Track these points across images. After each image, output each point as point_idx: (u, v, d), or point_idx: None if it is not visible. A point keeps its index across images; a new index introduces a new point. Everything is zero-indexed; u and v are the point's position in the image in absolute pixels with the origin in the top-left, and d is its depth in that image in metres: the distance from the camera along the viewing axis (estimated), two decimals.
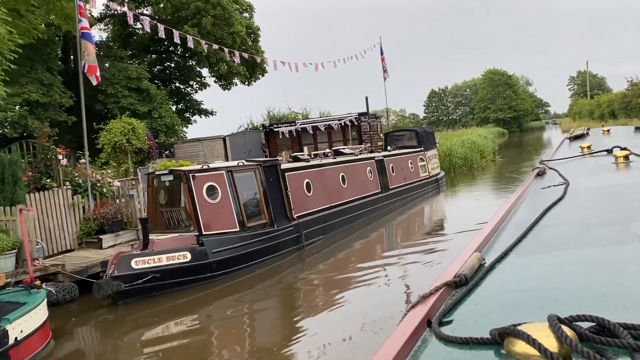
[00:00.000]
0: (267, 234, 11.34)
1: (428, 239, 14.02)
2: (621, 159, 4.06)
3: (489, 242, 2.23)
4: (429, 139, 23.40)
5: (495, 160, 36.17)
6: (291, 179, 12.72)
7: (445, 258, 11.04)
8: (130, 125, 19.05)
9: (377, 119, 27.09)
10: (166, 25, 18.81)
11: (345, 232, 14.39)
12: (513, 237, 2.13)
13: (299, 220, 12.45)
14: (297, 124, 24.51)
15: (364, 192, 16.17)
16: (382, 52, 26.29)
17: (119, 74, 23.68)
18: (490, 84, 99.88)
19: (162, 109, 24.24)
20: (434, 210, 20.15)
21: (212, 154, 26.77)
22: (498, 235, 2.34)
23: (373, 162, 17.36)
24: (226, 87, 33.20)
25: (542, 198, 3.07)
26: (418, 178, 20.93)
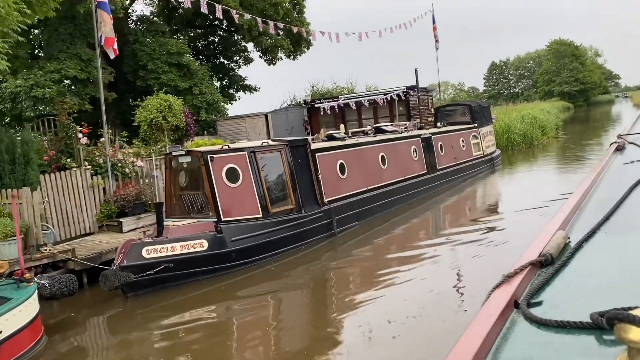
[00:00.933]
0: (293, 220, 10.40)
1: (480, 220, 12.95)
2: None
3: (572, 220, 2.13)
4: (484, 114, 21.67)
5: (558, 136, 33.69)
6: (323, 160, 11.67)
7: (502, 241, 10.36)
8: (167, 101, 18.49)
9: (427, 92, 25.50)
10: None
11: (384, 218, 13.26)
12: (599, 214, 2.04)
13: (331, 206, 11.43)
14: (339, 100, 23.31)
15: (407, 173, 14.92)
16: (434, 21, 24.52)
17: (159, 49, 23.17)
18: (555, 56, 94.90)
19: (203, 85, 23.61)
20: (487, 192, 18.66)
21: (254, 132, 26.09)
22: (581, 213, 2.24)
23: (419, 140, 16.02)
24: (271, 62, 32.24)
25: (624, 174, 2.91)
26: (470, 157, 19.38)
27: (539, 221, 10.40)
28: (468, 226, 12.38)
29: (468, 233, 11.47)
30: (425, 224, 14.12)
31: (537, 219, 11.13)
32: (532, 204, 12.84)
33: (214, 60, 30.52)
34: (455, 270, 9.18)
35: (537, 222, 10.55)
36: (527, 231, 9.22)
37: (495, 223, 12.46)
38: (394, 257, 10.63)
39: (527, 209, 12.70)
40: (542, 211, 11.77)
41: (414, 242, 11.67)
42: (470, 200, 17.29)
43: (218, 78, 30.49)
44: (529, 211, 12.36)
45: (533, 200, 13.29)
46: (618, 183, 2.68)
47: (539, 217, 11.31)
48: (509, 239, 10.42)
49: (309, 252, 10.57)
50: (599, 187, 2.78)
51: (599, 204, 2.29)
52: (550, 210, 11.45)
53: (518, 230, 10.75)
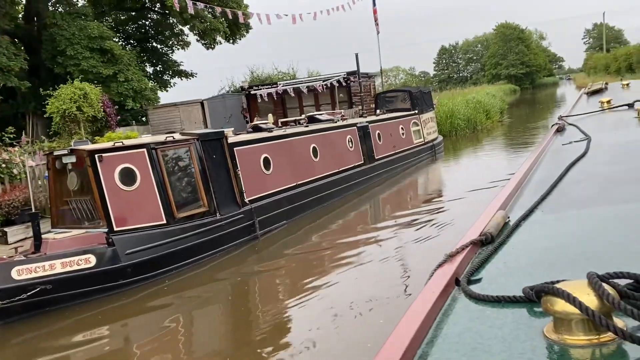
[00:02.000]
0: (206, 225, 9.20)
1: (422, 206, 12.56)
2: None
3: (513, 200, 2.20)
4: (425, 100, 20.91)
5: (503, 120, 33.55)
6: (243, 155, 10.49)
7: (445, 223, 10.25)
8: (82, 90, 16.83)
9: (369, 78, 24.57)
10: None
11: (317, 214, 12.24)
12: (537, 194, 2.12)
13: (252, 205, 10.29)
14: (278, 86, 22.07)
15: (342, 165, 13.92)
16: (375, 4, 23.49)
17: (79, 33, 21.23)
18: (501, 39, 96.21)
19: (129, 72, 21.85)
20: (429, 179, 17.98)
21: (189, 120, 24.56)
22: (521, 193, 2.32)
23: (354, 129, 15.03)
24: (209, 46, 30.56)
25: (563, 154, 3.05)
26: (411, 145, 18.59)
27: (483, 203, 10.43)
28: (409, 213, 11.90)
29: (409, 219, 11.14)
30: (363, 216, 13.22)
31: (481, 201, 11.06)
32: (476, 187, 12.70)
33: (146, 45, 28.59)
34: (398, 257, 8.84)
35: (481, 203, 10.49)
36: (471, 213, 10.18)
37: (438, 207, 12.18)
38: (328, 253, 9.79)
39: (471, 191, 12.57)
40: (486, 193, 11.66)
41: (351, 236, 10.88)
42: (411, 189, 16.56)
43: (151, 64, 28.62)
44: (474, 193, 12.24)
45: (477, 184, 13.10)
46: (557, 163, 2.75)
47: (482, 199, 11.20)
48: (452, 221, 10.30)
49: (225, 259, 9.42)
50: (539, 168, 2.85)
51: (538, 184, 2.38)
52: (493, 192, 11.48)
53: (462, 212, 10.62)
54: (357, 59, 21.94)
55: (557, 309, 0.98)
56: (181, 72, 29.09)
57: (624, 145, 3.09)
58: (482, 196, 11.65)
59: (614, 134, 3.63)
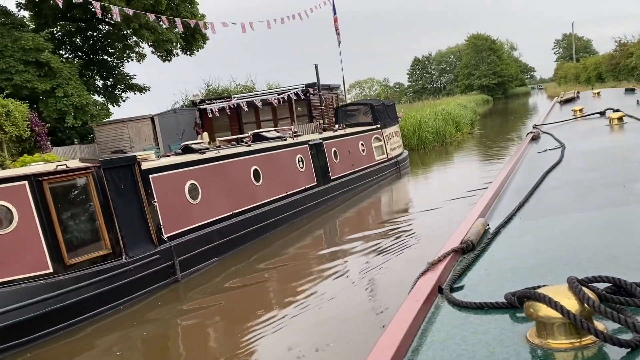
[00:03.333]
0: (106, 271, 7.62)
1: (387, 225, 11.61)
2: (615, 120, 4.11)
3: (491, 208, 2.23)
4: (389, 113, 19.63)
5: (473, 132, 32.55)
6: (161, 183, 8.95)
7: (407, 241, 9.79)
8: (4, 107, 15.13)
9: (331, 90, 23.26)
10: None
11: (257, 246, 10.73)
12: (515, 201, 2.16)
13: (172, 243, 8.74)
14: (231, 100, 20.57)
15: (290, 188, 12.47)
16: (335, 12, 22.26)
17: (12, 45, 19.50)
18: (473, 50, 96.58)
19: (69, 86, 20.16)
20: (393, 197, 16.68)
21: (139, 137, 22.90)
22: (499, 201, 2.35)
23: (306, 147, 13.60)
24: (166, 58, 29.04)
25: (539, 162, 3.13)
26: (372, 162, 17.25)
27: (453, 214, 10.37)
28: (373, 231, 11.27)
29: (374, 237, 10.68)
30: (317, 241, 11.77)
31: (451, 212, 10.89)
32: (445, 200, 12.65)
33: (95, 57, 26.88)
34: (367, 278, 8.18)
35: (451, 215, 10.50)
36: (442, 224, 9.74)
37: (405, 221, 11.78)
38: (273, 286, 8.67)
39: (439, 205, 12.47)
40: (456, 204, 11.64)
41: (303, 262, 9.75)
42: (374, 207, 15.22)
43: (101, 77, 26.91)
44: (444, 205, 12.25)
45: (446, 196, 12.98)
46: (533, 171, 2.86)
47: (452, 211, 11.08)
48: (420, 233, 10.19)
49: (133, 310, 7.84)
50: (516, 176, 2.93)
51: (515, 192, 2.46)
52: (465, 202, 11.50)
53: (431, 224, 10.46)
54: (316, 70, 20.61)
55: (540, 314, 1.00)
56: (133, 86, 27.44)
57: (597, 152, 3.17)
58: (451, 208, 11.60)
59: (587, 141, 3.69)
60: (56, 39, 25.33)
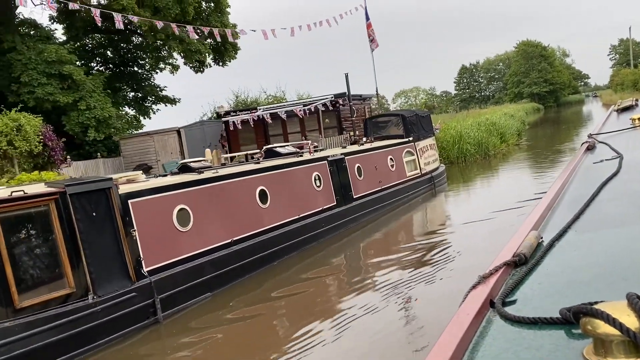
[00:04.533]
0: (68, 314, 6.56)
1: (414, 247, 10.60)
2: None
3: (545, 220, 2.18)
4: (423, 124, 18.13)
5: (520, 143, 30.42)
6: (143, 209, 7.88)
7: (447, 260, 9.18)
8: (15, 121, 14.57)
9: (363, 101, 21.94)
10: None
11: (261, 278, 9.51)
12: (569, 213, 2.11)
13: (153, 278, 7.62)
14: (255, 112, 19.56)
15: (303, 210, 11.22)
16: (368, 17, 20.98)
17: (36, 58, 19.18)
18: (523, 57, 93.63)
19: (92, 99, 19.66)
20: (425, 217, 15.18)
21: (164, 150, 22.28)
22: (553, 212, 2.30)
23: (324, 164, 12.33)
24: (198, 69, 28.52)
25: (595, 173, 3.02)
26: (402, 178, 15.80)
27: (505, 225, 9.78)
28: (403, 251, 10.41)
29: (403, 258, 9.79)
30: (334, 268, 10.44)
31: (502, 224, 10.37)
32: (485, 217, 11.75)
33: (126, 69, 26.54)
34: (398, 308, 7.35)
35: (503, 226, 10.00)
36: (480, 241, 9.51)
37: (443, 237, 11.17)
38: (279, 328, 7.54)
39: (491, 215, 11.76)
40: (492, 223, 11.02)
41: (317, 295, 8.67)
42: (403, 229, 13.73)
43: (131, 89, 26.54)
44: (497, 214, 11.61)
45: (486, 213, 12.03)
46: (588, 182, 2.75)
47: (490, 229, 10.58)
48: (458, 253, 9.49)
49: (99, 358, 6.75)
50: (571, 187, 2.84)
51: (570, 203, 2.38)
52: (504, 219, 10.93)
53: (468, 244, 9.85)
54: (347, 79, 19.35)
55: (597, 331, 0.97)
56: (164, 98, 26.94)
57: None
58: (500, 220, 11.06)
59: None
60: (87, 51, 25.13)
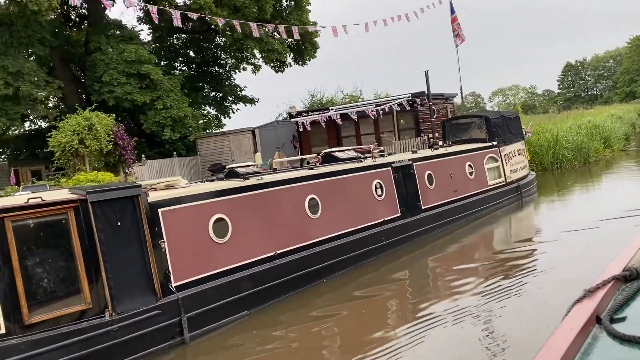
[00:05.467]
0: (81, 332, 6.09)
1: (499, 258, 9.95)
2: None
3: None
4: (510, 127, 16.41)
5: (627, 149, 27.25)
6: (174, 219, 7.31)
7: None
8: (87, 120, 14.82)
9: (445, 100, 20.45)
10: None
11: (308, 294, 8.68)
12: None
13: (180, 294, 7.02)
14: (327, 112, 18.75)
15: (361, 221, 10.23)
16: (453, 11, 19.47)
17: (117, 58, 19.66)
18: (637, 53, 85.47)
19: (169, 99, 19.84)
20: (509, 230, 13.57)
21: (239, 150, 22.13)
22: None
23: (388, 171, 11.25)
24: (279, 69, 28.30)
25: None
26: (483, 188, 14.30)
27: (610, 236, 9.29)
28: (483, 264, 9.75)
29: (485, 271, 9.16)
30: (397, 284, 9.39)
31: (608, 234, 9.64)
32: (598, 219, 10.92)
33: (207, 69, 26.81)
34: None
35: (608, 236, 9.36)
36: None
37: (533, 249, 10.46)
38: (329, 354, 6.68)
39: (596, 223, 10.78)
40: (609, 225, 10.30)
41: (376, 315, 7.78)
42: (483, 242, 12.33)
43: (212, 88, 26.78)
44: (604, 223, 10.61)
45: (597, 216, 11.18)
46: None
47: (608, 232, 9.78)
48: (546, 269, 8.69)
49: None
50: None
51: None
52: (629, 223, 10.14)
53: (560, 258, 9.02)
54: (426, 77, 18.02)
55: None
56: (242, 98, 26.92)
57: None
58: (605, 229, 10.25)
59: None
60: (171, 51, 25.64)
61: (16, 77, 17.10)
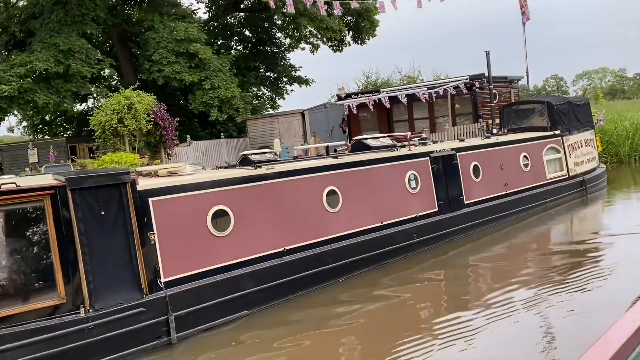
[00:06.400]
0: (50, 329, 5.67)
1: (543, 272, 8.44)
2: None
3: None
4: (578, 115, 14.71)
5: None
6: (166, 210, 6.75)
7: None
8: (127, 99, 14.65)
9: (509, 84, 18.80)
10: None
11: (321, 294, 7.93)
12: None
13: (170, 291, 6.48)
14: (377, 94, 17.67)
15: (389, 216, 9.30)
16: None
17: (167, 36, 19.48)
18: None
19: (217, 78, 19.47)
20: (568, 230, 12.14)
21: (288, 133, 21.55)
22: None
23: (425, 161, 10.20)
24: (337, 48, 27.40)
25: None
26: (540, 181, 12.89)
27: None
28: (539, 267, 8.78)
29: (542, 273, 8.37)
30: (428, 287, 8.44)
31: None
32: None
33: (263, 48, 26.29)
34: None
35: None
36: None
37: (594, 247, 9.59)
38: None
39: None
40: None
41: (401, 320, 6.86)
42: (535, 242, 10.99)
43: (266, 69, 26.27)
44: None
45: None
46: None
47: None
48: None
49: None
50: None
51: None
52: None
53: None
54: (487, 57, 16.52)
55: None
56: (297, 79, 26.23)
57: None
58: None
59: None
60: (226, 30, 25.32)
61: (67, 55, 17.34)
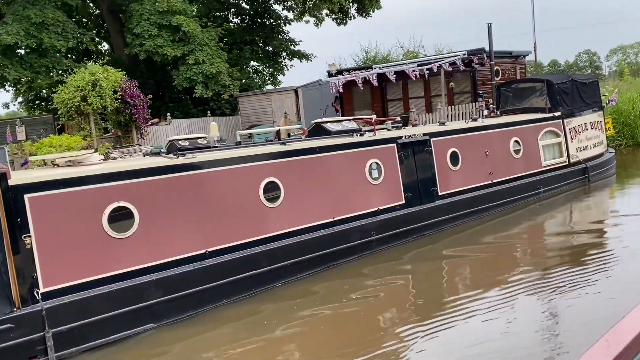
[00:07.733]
0: None
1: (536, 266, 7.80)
2: None
3: None
4: (583, 95, 13.20)
5: None
6: (48, 208, 5.78)
7: None
8: (92, 76, 13.70)
9: (515, 59, 17.26)
10: None
11: (251, 303, 6.94)
12: None
13: (49, 303, 5.56)
14: (367, 71, 16.35)
15: (343, 211, 8.21)
16: None
17: (150, 8, 18.39)
18: None
19: (202, 53, 18.37)
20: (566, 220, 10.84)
21: (281, 111, 20.45)
22: None
23: (392, 148, 9.02)
24: (341, 21, 25.99)
25: None
26: (534, 169, 11.59)
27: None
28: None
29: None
30: (384, 293, 7.35)
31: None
32: None
33: (261, 20, 25.01)
34: None
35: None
36: None
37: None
38: None
39: None
40: None
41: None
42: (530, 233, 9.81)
43: (265, 43, 25.04)
44: None
45: None
46: None
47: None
48: None
49: None
50: None
51: None
52: None
53: None
54: (489, 31, 14.97)
55: None
56: (296, 53, 24.94)
57: None
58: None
59: None
60: (222, 2, 24.14)
61: (40, 28, 16.43)
